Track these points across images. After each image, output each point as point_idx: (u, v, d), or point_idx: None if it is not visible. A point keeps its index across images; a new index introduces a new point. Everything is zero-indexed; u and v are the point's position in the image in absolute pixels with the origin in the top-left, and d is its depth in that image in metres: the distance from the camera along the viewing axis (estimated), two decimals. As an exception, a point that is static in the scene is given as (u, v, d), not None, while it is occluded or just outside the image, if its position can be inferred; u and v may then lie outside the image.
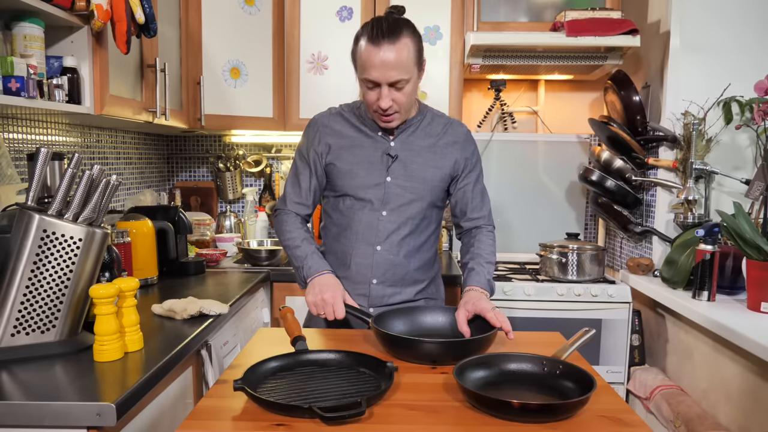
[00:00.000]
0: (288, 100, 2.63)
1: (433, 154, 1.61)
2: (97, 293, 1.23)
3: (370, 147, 1.60)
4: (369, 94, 1.50)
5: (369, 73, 1.46)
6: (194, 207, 2.98)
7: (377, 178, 1.58)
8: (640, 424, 0.98)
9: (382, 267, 1.59)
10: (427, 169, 1.60)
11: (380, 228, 1.59)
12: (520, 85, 2.96)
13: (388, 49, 1.43)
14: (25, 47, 1.49)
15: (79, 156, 1.37)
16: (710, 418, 1.79)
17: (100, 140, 2.33)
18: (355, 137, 1.61)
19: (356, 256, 1.59)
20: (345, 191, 1.60)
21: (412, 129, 1.61)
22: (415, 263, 1.63)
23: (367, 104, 1.54)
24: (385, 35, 1.44)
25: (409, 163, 1.59)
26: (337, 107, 1.68)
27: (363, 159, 1.59)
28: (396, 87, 1.48)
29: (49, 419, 1.05)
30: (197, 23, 2.43)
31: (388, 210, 1.59)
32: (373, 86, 1.48)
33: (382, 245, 1.59)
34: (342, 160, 1.59)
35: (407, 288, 1.63)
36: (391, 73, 1.45)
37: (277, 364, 1.17)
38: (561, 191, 2.92)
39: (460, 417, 1.00)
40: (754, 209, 2.00)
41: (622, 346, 2.33)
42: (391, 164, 1.59)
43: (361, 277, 1.60)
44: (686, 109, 2.22)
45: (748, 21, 2.21)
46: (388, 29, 1.45)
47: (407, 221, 1.59)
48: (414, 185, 1.59)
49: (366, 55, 1.45)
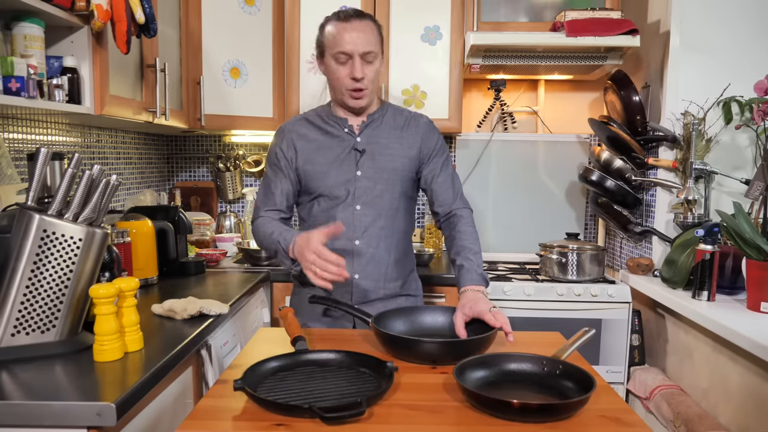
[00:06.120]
0: (288, 100, 2.63)
1: (399, 145, 1.66)
2: (97, 293, 1.23)
3: (338, 146, 1.65)
4: (340, 70, 1.56)
5: (342, 46, 1.53)
6: (194, 207, 2.98)
7: (347, 174, 1.63)
8: (640, 424, 0.98)
9: (363, 260, 1.63)
10: (394, 159, 1.65)
11: (356, 222, 1.63)
12: (520, 85, 2.96)
13: (358, 24, 1.55)
14: (25, 47, 1.49)
15: (79, 156, 1.37)
16: (710, 418, 1.80)
17: (100, 140, 2.33)
18: (322, 139, 1.66)
19: (337, 253, 1.58)
20: (319, 192, 1.64)
21: (376, 123, 1.67)
22: (393, 256, 1.67)
23: (337, 83, 1.59)
24: (353, 14, 1.56)
25: (377, 156, 1.64)
26: (301, 113, 1.75)
27: (332, 158, 1.64)
28: (366, 60, 1.56)
29: (49, 419, 1.05)
30: (197, 23, 2.43)
31: (361, 204, 1.63)
32: (345, 59, 1.55)
33: (360, 239, 1.63)
34: (312, 162, 1.64)
35: (389, 283, 1.67)
36: (362, 43, 1.54)
37: (277, 364, 1.17)
38: (561, 191, 2.92)
39: (460, 417, 1.01)
40: (753, 209, 2.00)
41: (622, 346, 2.33)
42: (359, 159, 1.63)
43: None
44: (686, 109, 2.22)
45: (748, 21, 2.21)
46: (355, 11, 1.57)
47: (381, 213, 1.64)
48: (384, 176, 1.64)
49: (336, 31, 1.55)
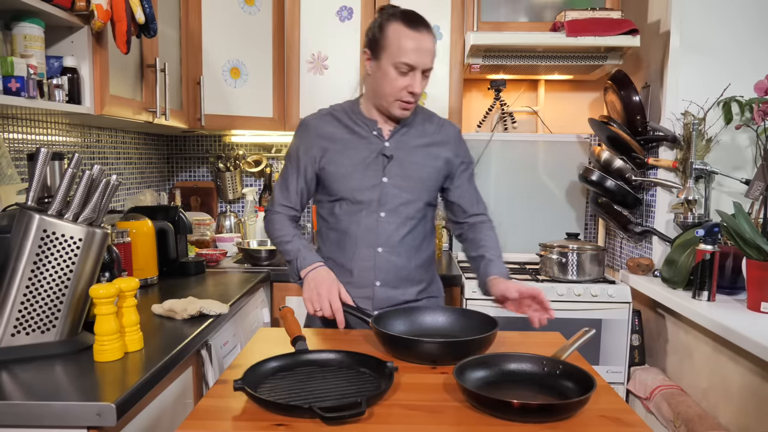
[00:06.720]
0: (288, 100, 2.63)
1: (427, 154, 1.61)
2: (97, 293, 1.23)
3: (365, 148, 1.58)
4: (400, 80, 1.48)
5: (408, 57, 1.45)
6: (194, 207, 2.98)
7: (373, 179, 1.57)
8: (640, 424, 0.98)
9: (385, 269, 1.59)
10: (422, 168, 1.60)
11: (380, 230, 1.57)
12: (520, 85, 2.96)
13: (427, 35, 1.47)
14: (25, 47, 1.49)
15: (79, 156, 1.37)
16: (710, 418, 1.79)
17: (100, 140, 2.33)
18: (348, 139, 1.59)
19: (358, 260, 1.58)
20: (341, 195, 1.58)
21: (406, 129, 1.61)
22: (416, 262, 1.62)
23: (389, 90, 1.50)
24: (421, 22, 1.47)
25: (405, 163, 1.58)
26: (328, 108, 1.66)
27: (358, 161, 1.57)
28: (425, 75, 1.50)
29: (49, 419, 1.05)
30: (197, 23, 2.43)
31: (386, 211, 1.58)
32: (407, 70, 1.47)
33: (383, 247, 1.58)
34: (336, 163, 1.57)
35: (410, 288, 1.63)
36: (427, 58, 1.47)
37: (277, 364, 1.17)
38: (561, 191, 2.92)
39: (460, 417, 1.00)
40: (754, 209, 2.00)
41: (622, 346, 2.33)
42: (387, 164, 1.57)
43: (364, 280, 1.59)
44: (686, 109, 2.22)
45: (748, 21, 2.21)
46: (420, 17, 1.48)
47: (406, 221, 1.59)
48: (410, 185, 1.58)
49: (404, 39, 1.45)
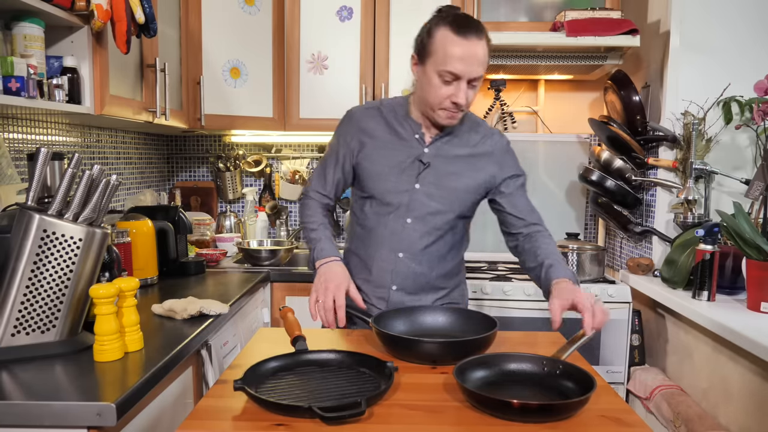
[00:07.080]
0: (288, 100, 2.63)
1: (467, 165, 1.53)
2: (97, 293, 1.23)
3: (403, 150, 1.52)
4: (443, 89, 1.40)
5: (453, 66, 1.37)
6: (194, 207, 2.98)
7: (406, 184, 1.52)
8: (640, 424, 0.98)
9: (403, 274, 1.55)
10: (459, 179, 1.53)
11: (404, 235, 1.53)
12: (520, 85, 2.96)
13: (476, 42, 1.37)
14: (25, 47, 1.49)
15: (79, 156, 1.37)
16: (710, 418, 1.79)
17: (100, 140, 2.33)
18: (388, 139, 1.53)
19: (378, 260, 1.56)
20: (371, 193, 1.54)
21: (449, 137, 1.53)
22: (437, 272, 1.58)
23: (433, 98, 1.43)
24: (471, 28, 1.37)
25: (441, 172, 1.52)
26: (377, 102, 1.60)
27: (394, 163, 1.52)
28: (472, 84, 1.41)
29: (49, 419, 1.05)
30: (197, 23, 2.43)
31: (413, 218, 1.53)
32: (452, 80, 1.39)
33: (405, 253, 1.54)
34: (371, 160, 1.53)
35: (428, 295, 1.59)
36: (475, 68, 1.38)
37: (277, 364, 1.17)
38: (561, 191, 2.92)
39: (460, 417, 1.00)
40: (753, 209, 2.00)
41: (622, 346, 2.33)
42: (422, 171, 1.52)
43: (381, 281, 1.56)
44: (686, 109, 2.22)
45: (748, 21, 2.21)
46: (472, 23, 1.39)
47: (432, 231, 1.53)
48: (442, 195, 1.52)
49: (451, 46, 1.36)
